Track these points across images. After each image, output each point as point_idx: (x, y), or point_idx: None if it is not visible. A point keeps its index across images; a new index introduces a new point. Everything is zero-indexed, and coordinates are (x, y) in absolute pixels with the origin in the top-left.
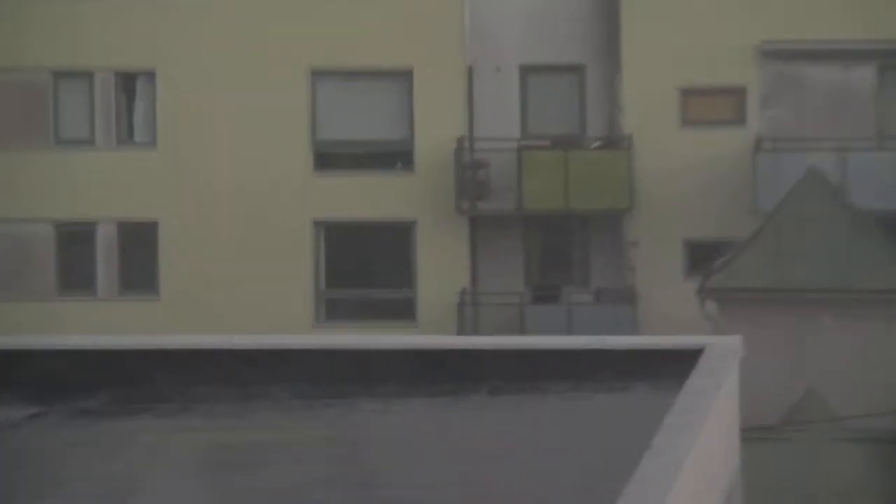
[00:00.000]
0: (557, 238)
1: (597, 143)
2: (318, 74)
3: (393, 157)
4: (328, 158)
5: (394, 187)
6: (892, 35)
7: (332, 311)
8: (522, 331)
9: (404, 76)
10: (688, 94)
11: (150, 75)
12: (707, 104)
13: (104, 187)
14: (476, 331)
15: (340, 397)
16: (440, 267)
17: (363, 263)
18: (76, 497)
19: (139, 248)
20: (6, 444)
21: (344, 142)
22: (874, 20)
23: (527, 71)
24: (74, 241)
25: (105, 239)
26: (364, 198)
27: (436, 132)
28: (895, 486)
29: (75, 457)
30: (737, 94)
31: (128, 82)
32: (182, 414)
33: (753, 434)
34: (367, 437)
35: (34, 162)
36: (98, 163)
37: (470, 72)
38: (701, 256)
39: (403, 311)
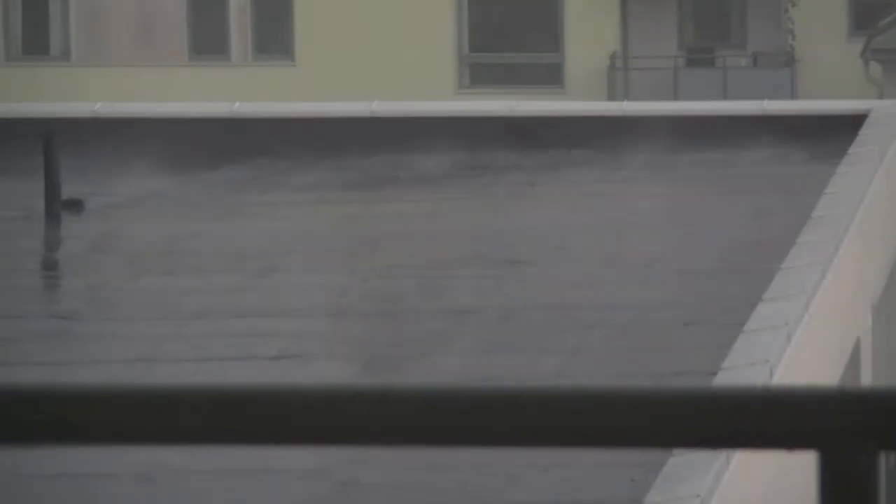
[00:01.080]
0: None
1: None
2: None
3: None
4: None
5: None
6: None
7: (476, 76)
8: (675, 96)
9: None
10: None
11: None
12: None
13: None
14: (627, 96)
15: (489, 167)
16: (589, 28)
17: (508, 25)
18: (216, 270)
19: (273, 9)
20: (144, 215)
21: None
22: None
23: None
24: (205, 2)
25: (238, 1)
26: None
27: None
28: None
29: (211, 229)
30: None
31: None
32: (322, 185)
33: None
34: (514, 213)
35: None
36: None
37: None
38: (866, 14)
39: (551, 76)
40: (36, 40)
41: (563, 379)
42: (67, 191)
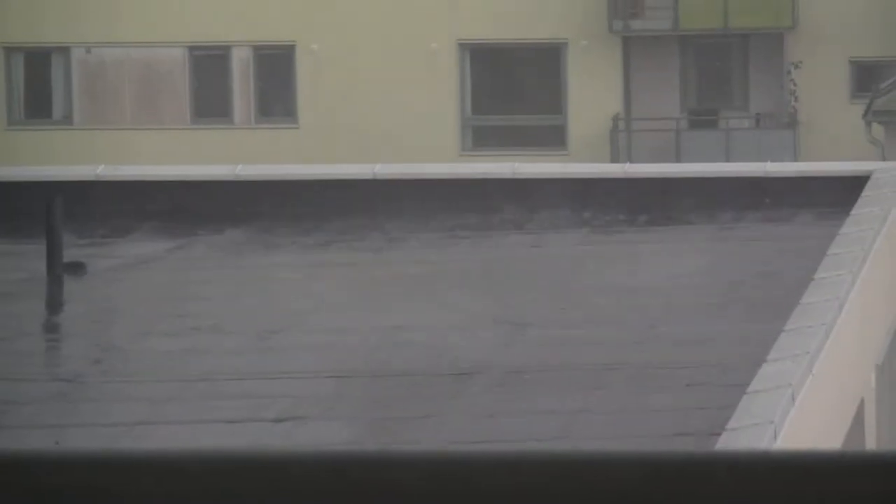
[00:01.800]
0: (715, 59)
1: None
2: None
3: None
4: None
5: (543, 5)
6: None
7: (479, 138)
8: (678, 157)
9: None
10: None
11: None
12: None
13: (239, 8)
14: (629, 158)
15: (492, 228)
16: (591, 91)
17: (511, 88)
18: (219, 331)
19: (276, 72)
20: (147, 277)
21: None
22: None
23: None
24: (208, 65)
25: (240, 63)
26: (511, 17)
27: None
28: None
29: (214, 291)
30: None
31: None
32: (325, 247)
33: None
34: (519, 271)
35: None
36: None
37: None
38: (868, 77)
39: (553, 138)
40: (38, 103)
41: (565, 441)
42: (70, 253)
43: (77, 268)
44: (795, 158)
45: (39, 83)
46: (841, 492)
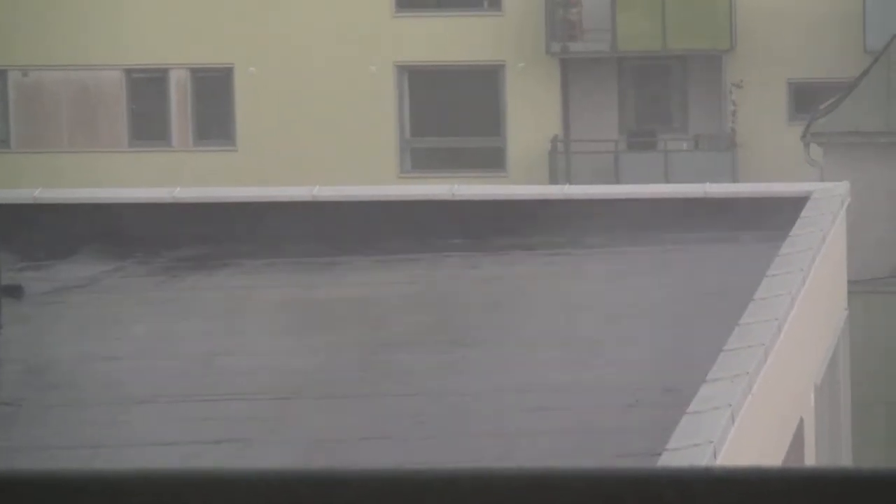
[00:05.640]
0: (654, 81)
1: None
2: None
3: None
4: None
5: (481, 28)
6: None
7: (418, 160)
8: (617, 179)
9: None
10: None
11: None
12: None
13: (176, 30)
14: (568, 180)
15: (429, 251)
16: (530, 112)
17: (449, 110)
18: (160, 356)
19: (214, 95)
20: (86, 300)
21: None
22: None
23: None
24: (146, 87)
25: (178, 85)
26: (449, 39)
27: None
28: None
29: (154, 313)
30: None
31: None
32: (263, 269)
33: (861, 287)
34: (458, 293)
35: (102, 4)
36: (169, 4)
37: None
38: (806, 99)
39: (492, 160)
40: None
41: (507, 462)
42: (7, 276)
43: (14, 290)
44: (734, 180)
45: None
46: None
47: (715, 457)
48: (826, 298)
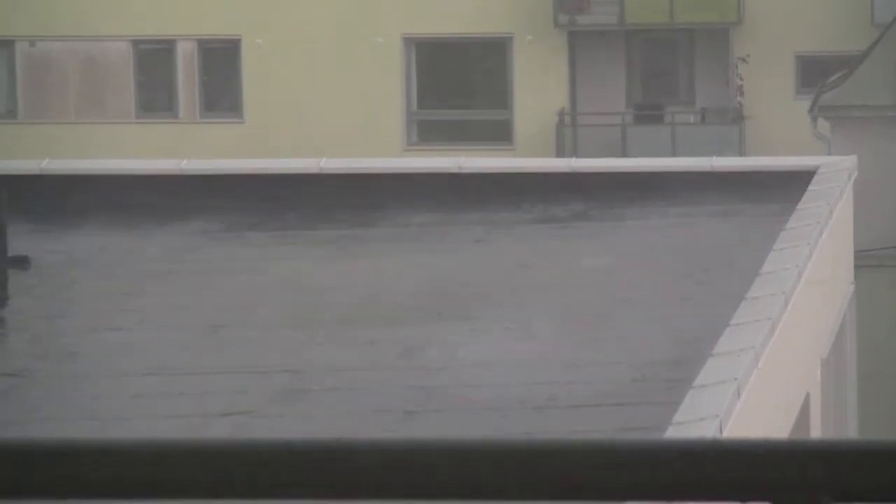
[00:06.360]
0: (661, 54)
1: None
2: None
3: None
4: None
5: (489, 0)
6: None
7: (425, 132)
8: (624, 152)
9: None
10: None
11: None
12: None
13: (184, 2)
14: (575, 153)
15: (437, 223)
16: (537, 85)
17: (456, 82)
18: (167, 326)
19: (221, 67)
20: (92, 271)
21: None
22: None
23: None
24: (153, 59)
25: (185, 57)
26: (457, 11)
27: None
28: None
29: (160, 285)
30: None
31: None
32: (270, 242)
33: (868, 260)
34: (463, 267)
35: None
36: None
37: None
38: (813, 73)
39: (499, 133)
40: None
41: (514, 434)
42: (14, 247)
43: (21, 261)
44: (741, 153)
45: None
46: (790, 477)
47: (721, 431)
48: (833, 273)
